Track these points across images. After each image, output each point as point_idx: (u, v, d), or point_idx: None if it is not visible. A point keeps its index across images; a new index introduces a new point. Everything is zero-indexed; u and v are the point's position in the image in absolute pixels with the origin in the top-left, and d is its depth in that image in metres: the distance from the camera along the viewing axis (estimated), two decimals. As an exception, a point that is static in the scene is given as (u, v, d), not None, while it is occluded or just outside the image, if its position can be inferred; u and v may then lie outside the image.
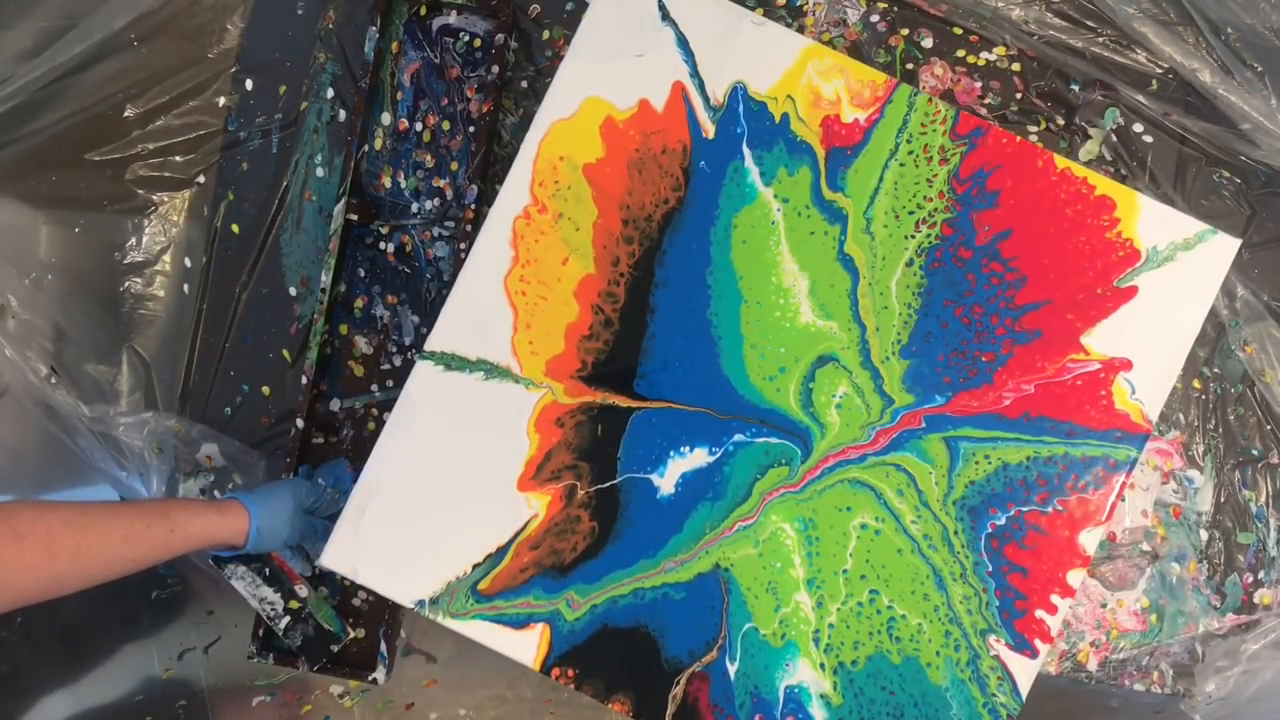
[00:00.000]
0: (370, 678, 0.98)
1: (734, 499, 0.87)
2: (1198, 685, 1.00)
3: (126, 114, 1.09)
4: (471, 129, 1.05)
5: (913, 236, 0.88)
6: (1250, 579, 1.02)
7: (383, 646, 0.99)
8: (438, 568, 0.87)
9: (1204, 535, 1.02)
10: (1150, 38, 1.01)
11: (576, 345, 0.89)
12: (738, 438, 0.88)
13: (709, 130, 0.89)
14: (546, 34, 1.07)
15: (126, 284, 1.09)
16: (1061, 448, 0.87)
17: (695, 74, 0.89)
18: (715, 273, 0.89)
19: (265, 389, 1.07)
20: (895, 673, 0.86)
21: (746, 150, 0.89)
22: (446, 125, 1.06)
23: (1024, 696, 0.85)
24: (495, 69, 1.03)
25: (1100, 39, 1.04)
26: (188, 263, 1.09)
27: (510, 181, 0.89)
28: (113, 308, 1.08)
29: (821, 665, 0.86)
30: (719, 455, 0.88)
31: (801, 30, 1.04)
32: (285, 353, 1.07)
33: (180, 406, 1.08)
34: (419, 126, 1.06)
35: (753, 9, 1.05)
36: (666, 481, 0.88)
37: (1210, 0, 1.01)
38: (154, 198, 1.09)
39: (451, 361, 0.89)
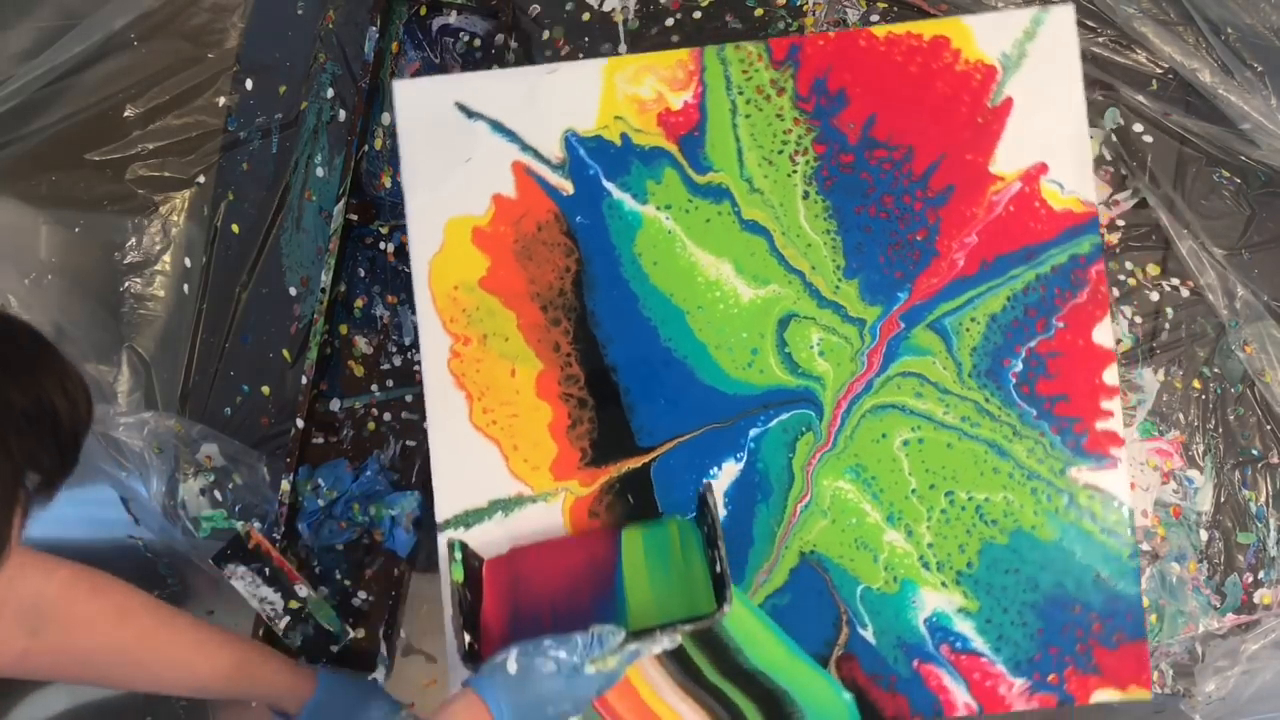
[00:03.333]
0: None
1: (782, 488, 0.88)
2: (1198, 685, 1.00)
3: (126, 114, 1.09)
4: (471, 129, 1.05)
5: (794, 171, 0.89)
6: (1250, 579, 1.02)
7: (383, 646, 0.99)
8: None
9: (1204, 535, 1.02)
10: (1150, 38, 1.01)
11: (567, 439, 0.89)
12: (753, 433, 0.88)
13: (567, 188, 0.89)
14: (546, 34, 1.07)
15: (126, 284, 1.09)
16: (1030, 272, 0.88)
17: (525, 147, 0.90)
18: (647, 304, 0.89)
19: (265, 389, 1.07)
20: (1009, 552, 0.86)
21: (609, 185, 0.89)
22: (446, 125, 1.06)
23: (1129, 504, 0.86)
24: (495, 69, 1.03)
25: (1100, 39, 1.04)
26: (188, 263, 1.09)
27: (423, 335, 0.89)
28: (113, 308, 1.08)
29: (943, 584, 0.86)
30: (745, 457, 0.88)
31: (801, 31, 1.04)
32: (285, 353, 1.07)
33: (180, 406, 1.08)
34: (419, 126, 1.06)
35: (752, 9, 1.05)
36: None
37: (1210, 0, 1.00)
38: (154, 198, 1.09)
39: (468, 519, 0.89)
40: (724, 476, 0.88)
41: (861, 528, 0.87)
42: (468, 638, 0.79)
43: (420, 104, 0.90)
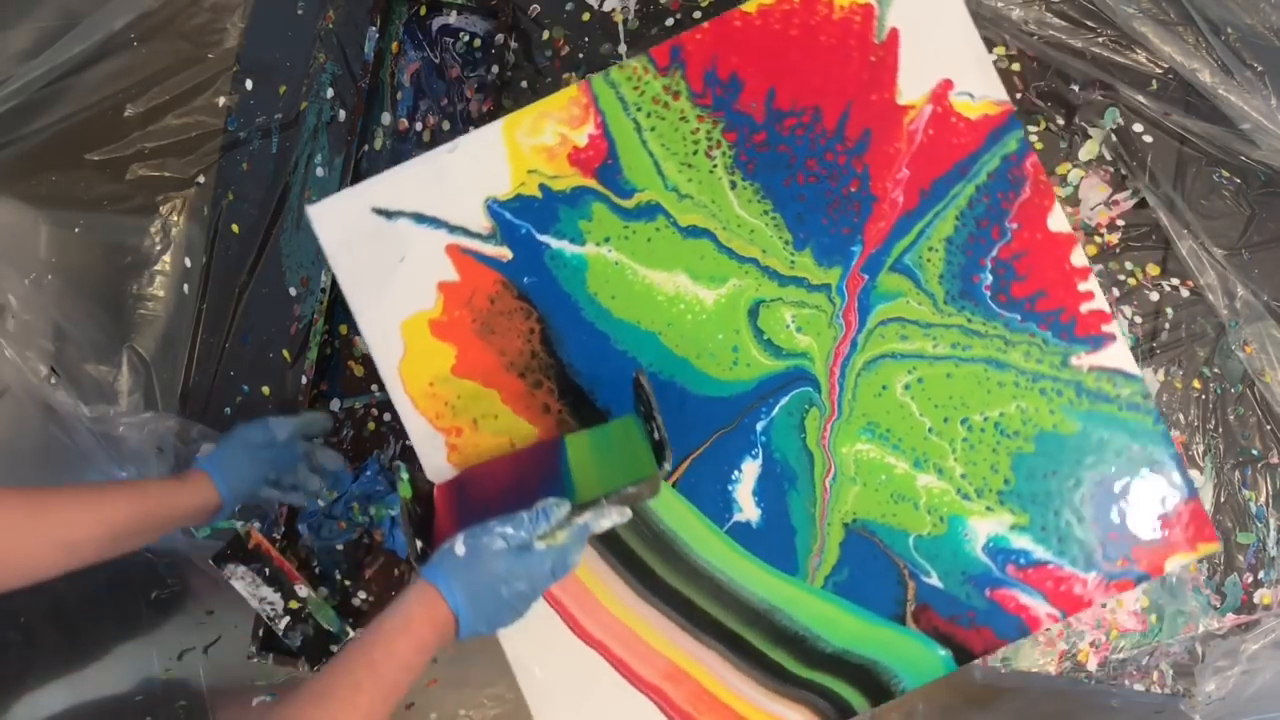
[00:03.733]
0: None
1: (805, 469, 0.88)
2: (1198, 685, 1.00)
3: (126, 114, 1.09)
4: (471, 129, 1.05)
5: (715, 166, 0.90)
6: (1250, 579, 1.02)
7: (383, 646, 0.99)
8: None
9: (1204, 535, 1.02)
10: (1150, 38, 1.01)
11: None
12: (760, 426, 0.88)
13: (505, 254, 0.89)
14: (546, 34, 1.07)
15: (126, 284, 1.09)
16: (969, 186, 0.88)
17: (453, 228, 0.89)
18: (619, 339, 0.89)
19: (265, 389, 1.07)
20: (1040, 457, 0.87)
21: (543, 238, 0.89)
22: (446, 125, 1.06)
23: (1139, 373, 0.86)
24: (495, 69, 1.03)
25: (1100, 39, 1.04)
26: (188, 263, 1.09)
27: (415, 439, 0.88)
28: (113, 308, 1.08)
29: (988, 508, 0.86)
30: (761, 452, 0.88)
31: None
32: (285, 353, 1.07)
33: (180, 406, 1.08)
34: (419, 126, 1.06)
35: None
36: (748, 511, 0.87)
37: (1210, 0, 1.00)
38: (154, 198, 1.09)
39: None
40: (747, 477, 0.88)
41: (893, 481, 0.87)
42: (419, 543, 0.79)
43: (338, 221, 0.89)
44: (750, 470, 0.88)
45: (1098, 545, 0.85)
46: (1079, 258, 0.87)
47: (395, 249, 0.89)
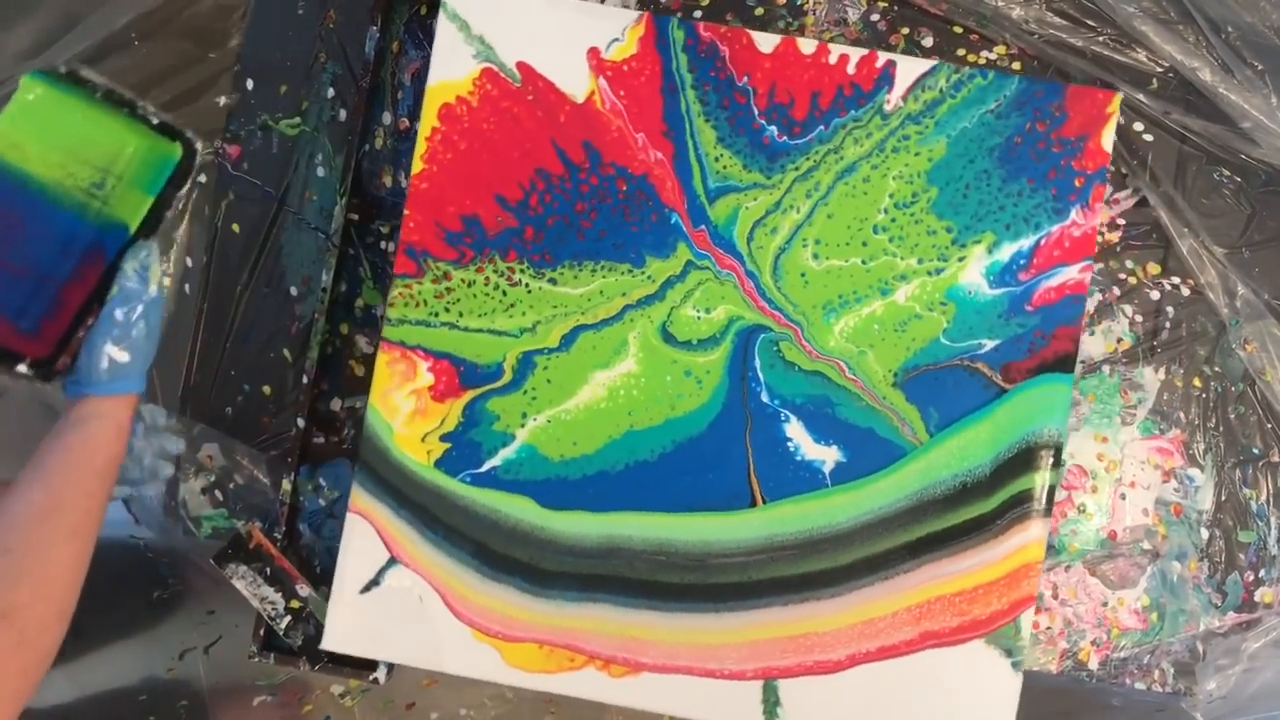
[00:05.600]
0: (371, 677, 0.98)
1: (825, 386, 0.90)
2: (1199, 683, 1.00)
3: (127, 114, 1.08)
4: (472, 128, 1.05)
5: (526, 286, 0.92)
6: (1251, 577, 1.02)
7: (384, 646, 0.99)
8: None
9: (1205, 534, 1.02)
10: (1150, 36, 1.01)
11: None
12: (764, 397, 0.90)
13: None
14: (547, 33, 1.07)
15: (127, 284, 1.08)
16: (687, 94, 0.91)
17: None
18: (611, 464, 0.90)
19: (266, 388, 1.07)
20: (949, 190, 0.90)
21: (487, 467, 0.91)
22: (447, 125, 1.06)
23: (931, 62, 0.92)
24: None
25: (1100, 38, 1.04)
26: (188, 262, 1.09)
27: (584, 695, 0.90)
28: (113, 307, 1.08)
29: (960, 259, 0.90)
30: (786, 414, 0.90)
31: (801, 30, 1.04)
32: (286, 352, 1.07)
33: (180, 406, 1.07)
34: (419, 125, 1.06)
35: (753, 8, 1.05)
36: (830, 456, 0.90)
37: (1210, -1, 1.01)
38: (154, 197, 1.09)
39: None
40: (801, 439, 0.89)
41: (885, 321, 0.89)
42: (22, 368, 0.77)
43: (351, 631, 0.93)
44: (796, 432, 0.89)
45: (1051, 193, 0.90)
46: (807, 46, 0.91)
47: (409, 594, 0.92)
